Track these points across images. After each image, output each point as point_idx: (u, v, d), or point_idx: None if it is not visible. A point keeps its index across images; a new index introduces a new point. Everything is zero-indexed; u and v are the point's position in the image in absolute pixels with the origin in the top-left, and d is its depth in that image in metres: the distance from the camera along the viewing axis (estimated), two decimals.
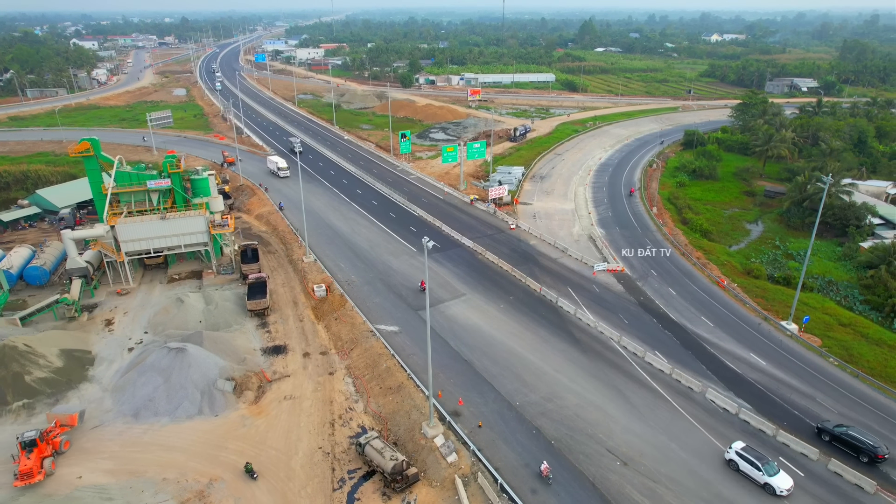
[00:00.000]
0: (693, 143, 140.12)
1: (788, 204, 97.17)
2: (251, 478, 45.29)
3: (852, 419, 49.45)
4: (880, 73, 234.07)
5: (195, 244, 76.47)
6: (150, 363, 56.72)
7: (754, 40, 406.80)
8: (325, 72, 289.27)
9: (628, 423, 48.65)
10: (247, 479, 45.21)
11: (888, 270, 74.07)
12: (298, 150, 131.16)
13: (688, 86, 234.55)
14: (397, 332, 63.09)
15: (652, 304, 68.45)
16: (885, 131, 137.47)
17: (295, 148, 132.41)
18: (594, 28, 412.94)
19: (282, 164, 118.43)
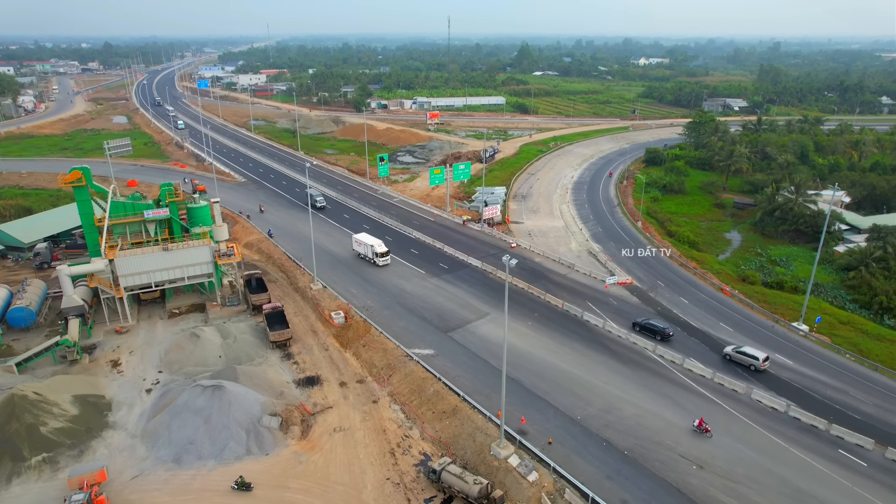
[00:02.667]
0: (655, 161, 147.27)
1: (761, 214, 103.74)
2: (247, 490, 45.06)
3: (887, 409, 53.05)
4: (798, 94, 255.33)
5: (199, 276, 72.73)
6: (182, 404, 53.20)
7: (678, 64, 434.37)
8: (270, 97, 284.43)
9: (691, 428, 49.96)
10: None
11: (868, 271, 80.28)
12: (321, 206, 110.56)
13: (632, 106, 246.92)
14: (433, 355, 62.19)
15: (670, 314, 70.98)
16: (822, 146, 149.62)
17: (317, 203, 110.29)
18: (531, 52, 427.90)
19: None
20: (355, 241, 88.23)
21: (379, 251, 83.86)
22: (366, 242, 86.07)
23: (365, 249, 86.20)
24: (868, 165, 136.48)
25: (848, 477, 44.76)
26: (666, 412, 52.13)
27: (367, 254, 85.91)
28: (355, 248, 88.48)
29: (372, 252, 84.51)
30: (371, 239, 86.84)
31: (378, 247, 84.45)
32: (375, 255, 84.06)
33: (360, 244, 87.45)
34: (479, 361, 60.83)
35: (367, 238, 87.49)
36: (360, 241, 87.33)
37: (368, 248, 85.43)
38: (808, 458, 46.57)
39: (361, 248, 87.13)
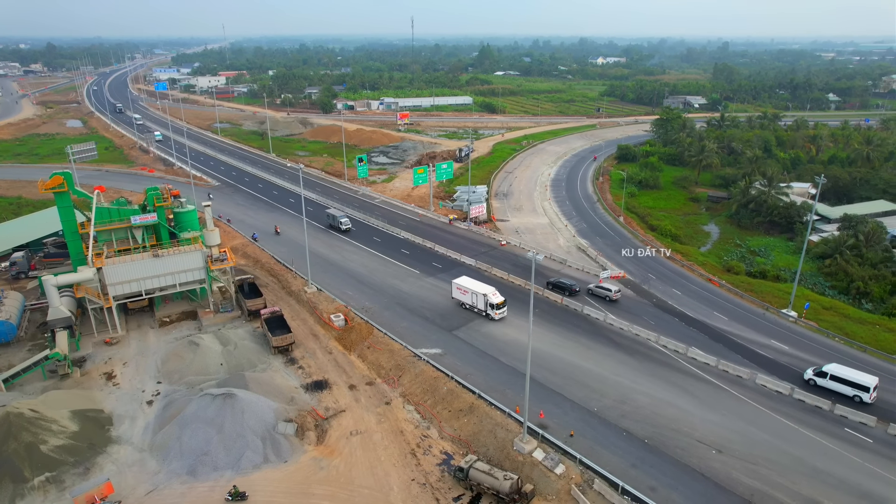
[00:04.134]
0: (627, 157, 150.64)
1: (736, 206, 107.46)
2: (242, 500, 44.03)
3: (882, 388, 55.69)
4: (752, 92, 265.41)
5: (192, 282, 70.56)
6: (192, 414, 51.54)
7: (635, 63, 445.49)
8: (233, 99, 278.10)
9: (703, 414, 51.44)
10: None
11: (843, 258, 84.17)
12: (346, 228, 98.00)
13: (596, 105, 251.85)
14: (442, 354, 62.04)
15: (666, 305, 72.83)
16: (783, 140, 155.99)
17: (342, 226, 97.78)
18: (492, 53, 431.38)
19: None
20: (457, 287, 70.93)
21: (494, 301, 67.57)
22: (474, 290, 69.36)
23: (473, 299, 69.65)
24: (826, 158, 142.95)
25: (857, 454, 46.87)
26: (678, 400, 53.45)
27: (475, 304, 69.49)
28: (457, 296, 71.18)
29: (485, 302, 68.35)
30: (479, 285, 70.06)
31: (492, 296, 68.10)
32: (490, 306, 67.84)
33: (464, 292, 70.25)
34: (489, 359, 61.02)
35: (473, 284, 70.47)
36: (466, 287, 70.08)
37: (479, 297, 68.91)
38: (819, 438, 48.53)
39: (467, 298, 70.21)
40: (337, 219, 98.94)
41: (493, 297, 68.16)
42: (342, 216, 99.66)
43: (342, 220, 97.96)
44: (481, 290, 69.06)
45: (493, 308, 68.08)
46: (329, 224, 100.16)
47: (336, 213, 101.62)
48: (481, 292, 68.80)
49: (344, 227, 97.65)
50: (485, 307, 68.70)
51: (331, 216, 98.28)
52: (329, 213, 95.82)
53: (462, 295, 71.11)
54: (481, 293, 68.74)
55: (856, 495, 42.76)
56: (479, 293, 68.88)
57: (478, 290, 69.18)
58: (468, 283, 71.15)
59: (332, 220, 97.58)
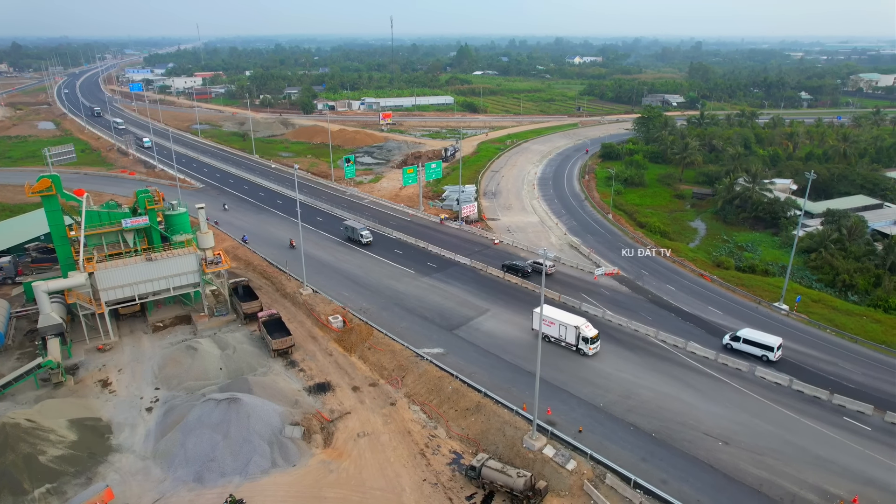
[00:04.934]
0: (611, 155, 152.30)
1: (721, 203, 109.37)
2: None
3: (875, 377, 57.37)
4: (727, 91, 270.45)
5: (186, 286, 69.28)
6: (196, 419, 50.71)
7: (611, 62, 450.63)
8: (210, 100, 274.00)
9: (707, 407, 52.28)
10: None
11: (828, 252, 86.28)
12: (367, 241, 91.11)
13: (577, 104, 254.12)
14: (444, 353, 61.97)
15: (661, 300, 73.82)
16: (761, 138, 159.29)
17: (363, 239, 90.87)
18: (470, 52, 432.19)
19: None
20: (544, 318, 60.87)
21: (588, 335, 59.36)
22: (562, 321, 60.76)
23: (561, 332, 60.97)
24: (803, 155, 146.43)
25: (857, 441, 48.13)
26: (682, 394, 54.23)
27: (563, 337, 60.89)
28: (541, 328, 58.28)
29: (576, 335, 59.82)
30: (568, 316, 61.93)
31: (585, 328, 59.92)
32: (583, 340, 59.60)
33: (549, 323, 61.37)
34: (492, 357, 61.15)
35: (561, 315, 62.10)
36: (552, 318, 61.33)
37: (568, 330, 60.40)
38: (820, 427, 49.68)
39: (553, 330, 61.40)
40: (357, 231, 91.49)
41: (587, 330, 59.78)
42: (362, 228, 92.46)
43: (363, 232, 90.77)
44: (572, 322, 60.46)
45: (587, 342, 59.48)
46: (347, 237, 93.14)
47: (355, 224, 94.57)
48: (572, 324, 60.22)
49: (365, 240, 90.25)
50: (576, 341, 60.20)
51: (349, 228, 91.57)
52: (347, 224, 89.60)
53: (546, 327, 61.81)
54: (572, 325, 60.15)
55: (860, 482, 43.87)
56: (570, 325, 60.25)
57: (567, 322, 60.58)
58: (554, 314, 62.07)
59: (351, 233, 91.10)
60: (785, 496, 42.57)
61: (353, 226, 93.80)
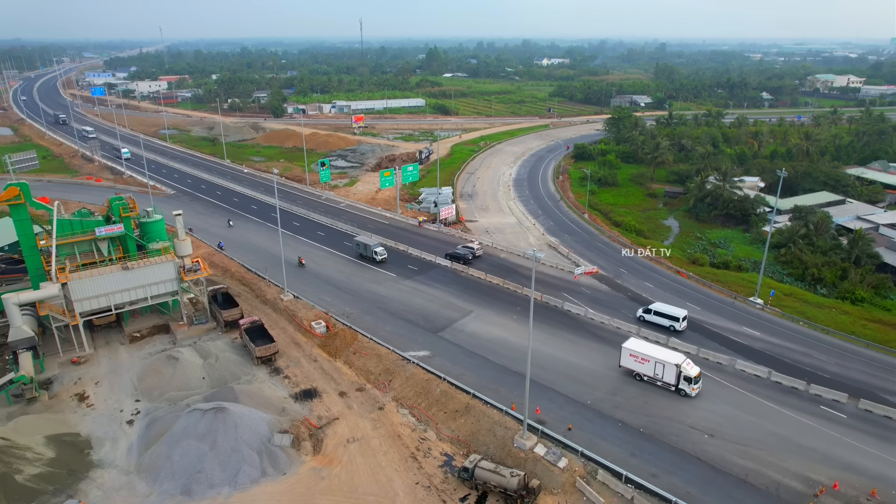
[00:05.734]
0: (584, 156, 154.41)
1: (693, 201, 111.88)
2: None
3: (847, 366, 59.44)
4: (693, 91, 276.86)
5: (164, 294, 67.81)
6: (181, 431, 49.66)
7: (579, 64, 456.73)
8: (176, 105, 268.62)
9: (692, 401, 53.40)
10: None
11: (797, 247, 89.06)
12: (382, 258, 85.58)
13: (547, 105, 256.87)
14: (430, 356, 61.97)
15: (641, 298, 75.11)
16: (728, 137, 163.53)
17: (377, 256, 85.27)
18: (439, 55, 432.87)
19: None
20: (631, 354, 56.14)
21: (691, 373, 53.37)
22: (658, 358, 54.65)
23: (656, 370, 54.81)
24: (768, 153, 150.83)
25: (835, 429, 49.81)
26: (666, 389, 55.22)
27: (659, 376, 54.66)
28: (630, 364, 56.27)
29: (676, 374, 53.68)
30: (665, 352, 56.00)
31: (687, 366, 53.83)
32: (685, 379, 53.46)
33: (642, 360, 55.56)
34: (478, 358, 61.39)
35: (657, 351, 56.14)
36: (645, 355, 55.42)
37: (666, 368, 54.26)
38: (799, 417, 51.26)
39: (647, 368, 55.42)
40: (370, 248, 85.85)
41: (689, 368, 53.82)
42: (376, 245, 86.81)
43: (376, 249, 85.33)
44: (671, 359, 54.33)
45: (690, 382, 53.32)
46: (359, 254, 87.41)
47: (367, 240, 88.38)
48: (671, 362, 54.05)
49: (379, 257, 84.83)
50: (675, 380, 53.82)
51: (361, 245, 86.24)
52: (359, 241, 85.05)
53: (638, 364, 55.92)
54: (671, 363, 53.98)
55: (839, 468, 45.40)
56: (669, 363, 54.11)
57: (665, 359, 54.41)
58: (648, 350, 56.22)
59: (363, 250, 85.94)
60: (770, 484, 43.81)
61: (366, 242, 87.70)
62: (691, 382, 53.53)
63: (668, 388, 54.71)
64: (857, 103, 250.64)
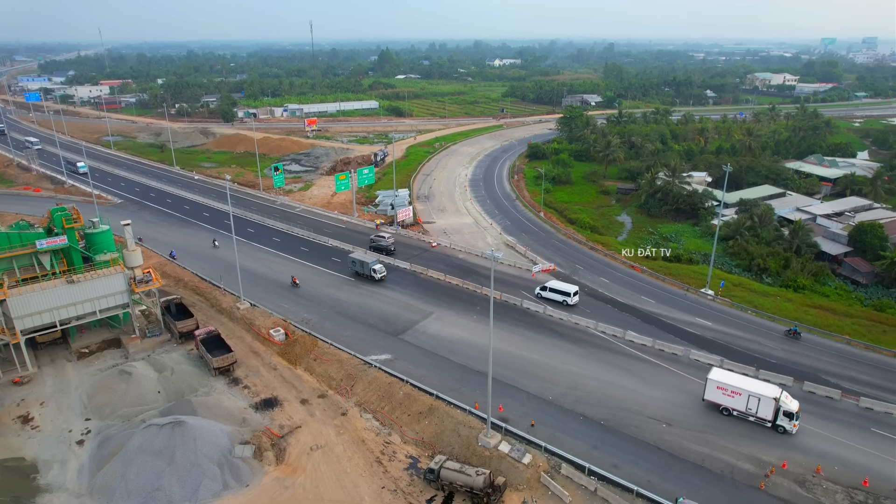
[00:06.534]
0: (537, 155, 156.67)
1: (645, 197, 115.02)
2: None
3: (792, 351, 62.23)
4: (641, 90, 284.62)
5: (114, 307, 65.32)
6: (136, 448, 48.05)
7: (530, 64, 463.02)
8: (120, 110, 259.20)
9: (649, 392, 54.93)
10: None
11: (743, 239, 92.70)
12: (381, 276, 79.84)
13: (500, 105, 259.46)
14: (392, 359, 61.74)
15: (598, 293, 76.78)
16: (676, 134, 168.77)
17: (375, 273, 79.42)
18: (391, 56, 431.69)
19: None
20: (718, 387, 51.14)
21: (791, 408, 48.93)
22: (750, 391, 50.03)
23: (748, 404, 50.14)
24: (714, 149, 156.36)
25: None
26: (625, 381, 56.70)
27: (753, 411, 50.08)
28: (717, 398, 51.31)
29: (774, 409, 49.17)
30: (757, 384, 51.35)
31: (786, 400, 49.56)
32: (784, 414, 49.02)
33: (732, 393, 50.61)
34: (439, 359, 61.52)
35: (748, 383, 51.38)
36: (735, 388, 50.56)
37: (760, 402, 49.59)
38: None
39: (738, 402, 50.54)
40: (368, 266, 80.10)
41: (788, 402, 49.32)
42: (374, 262, 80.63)
43: (375, 266, 79.76)
44: (767, 392, 49.72)
45: (791, 418, 48.90)
46: (355, 272, 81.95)
47: (364, 258, 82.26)
48: (768, 395, 49.42)
49: (378, 275, 79.59)
50: (773, 416, 49.31)
51: (357, 262, 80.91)
52: (354, 258, 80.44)
53: (727, 398, 50.99)
54: (768, 396, 49.33)
55: (786, 448, 47.54)
56: (765, 396, 49.47)
57: (760, 392, 49.82)
58: (738, 382, 51.15)
59: (360, 268, 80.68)
60: (725, 468, 45.50)
61: (363, 259, 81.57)
62: (792, 418, 48.63)
63: (762, 425, 49.79)
64: (792, 100, 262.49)
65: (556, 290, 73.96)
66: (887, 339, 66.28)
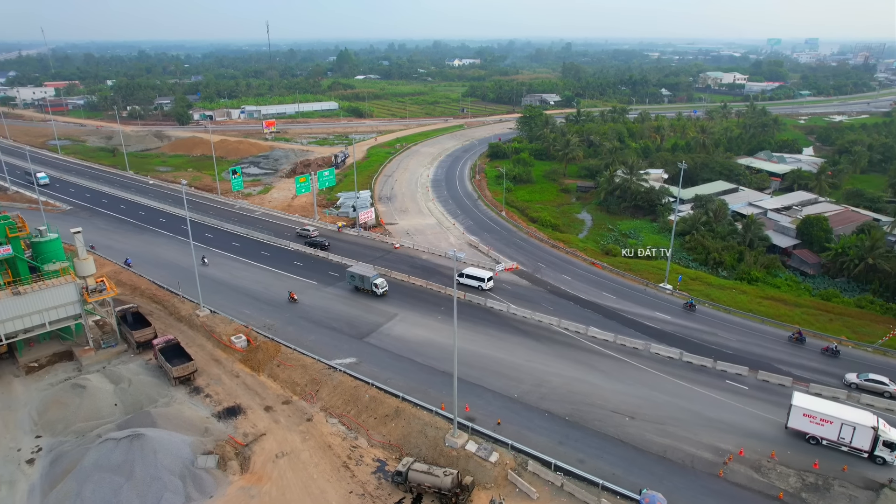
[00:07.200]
0: (498, 154, 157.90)
1: (604, 194, 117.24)
2: None
3: (747, 342, 64.43)
4: (598, 89, 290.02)
5: (65, 319, 62.86)
6: (92, 464, 46.40)
7: (489, 64, 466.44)
8: (67, 113, 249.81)
9: (612, 386, 56.03)
10: None
11: (699, 234, 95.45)
12: (383, 291, 75.69)
13: (461, 105, 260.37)
14: (357, 362, 61.31)
15: (560, 290, 77.90)
16: (633, 132, 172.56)
17: (377, 288, 75.19)
18: (350, 57, 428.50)
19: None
20: (805, 414, 47.62)
21: (894, 438, 45.00)
22: (846, 420, 46.33)
23: (841, 433, 46.55)
24: (669, 146, 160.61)
25: (739, 400, 53.95)
26: (588, 377, 57.69)
27: (846, 440, 46.48)
28: (803, 426, 47.87)
29: (872, 439, 45.33)
30: (852, 412, 47.69)
31: (885, 428, 45.72)
32: (883, 444, 45.13)
33: (822, 422, 46.97)
34: (405, 361, 61.39)
35: (839, 410, 47.71)
36: (828, 416, 46.82)
37: (858, 431, 45.76)
38: (708, 392, 55.06)
39: (828, 431, 46.97)
40: (368, 280, 75.84)
41: (888, 432, 45.59)
42: (375, 276, 76.59)
43: (376, 280, 75.73)
44: (862, 421, 46.07)
45: (891, 449, 44.84)
46: (354, 287, 77.51)
47: (363, 271, 77.48)
48: (865, 424, 45.71)
49: (380, 290, 75.34)
50: (870, 445, 45.47)
51: (357, 277, 76.33)
52: (354, 272, 76.24)
53: (816, 426, 47.35)
54: (865, 425, 45.56)
55: (743, 435, 49.20)
56: (861, 425, 45.69)
57: (854, 420, 46.08)
58: (828, 409, 47.65)
59: (360, 282, 76.31)
60: (686, 458, 46.77)
61: (362, 273, 76.91)
62: (893, 449, 44.65)
63: (857, 455, 46.17)
64: (743, 98, 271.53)
65: (472, 276, 77.72)
66: (833, 327, 69.37)
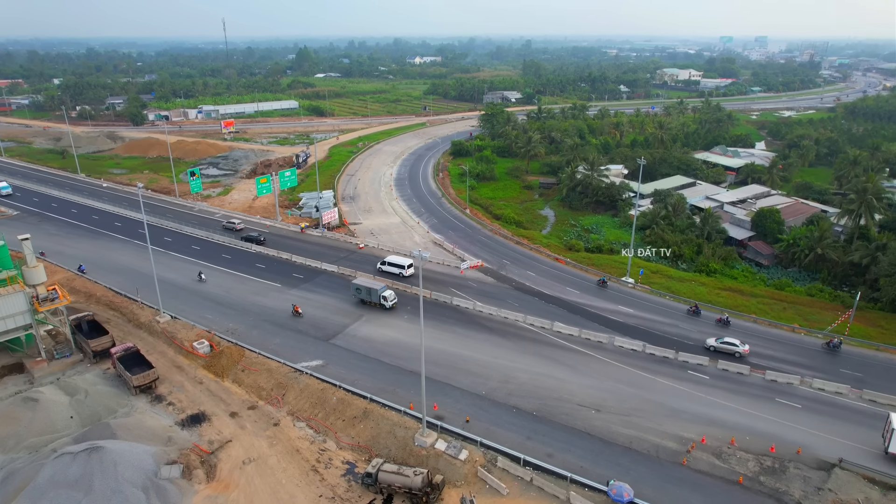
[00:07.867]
0: (461, 152, 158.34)
1: (566, 190, 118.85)
2: None
3: (706, 332, 66.34)
4: (559, 86, 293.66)
5: (14, 330, 60.40)
6: (47, 480, 44.72)
7: (450, 62, 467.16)
8: (11, 113, 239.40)
9: (578, 380, 56.94)
10: None
11: (659, 228, 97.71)
12: (392, 304, 71.22)
13: (422, 103, 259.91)
14: (324, 364, 60.70)
15: (525, 286, 78.67)
16: (593, 128, 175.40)
17: (386, 301, 70.79)
18: (310, 55, 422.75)
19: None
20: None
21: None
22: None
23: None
24: (629, 142, 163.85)
25: (701, 389, 55.60)
26: (554, 372, 58.48)
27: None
28: None
29: None
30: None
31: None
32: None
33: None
34: (372, 362, 61.10)
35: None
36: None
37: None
38: (671, 383, 56.52)
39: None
40: (375, 292, 71.05)
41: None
42: (383, 288, 71.75)
43: (384, 293, 71.12)
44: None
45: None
46: (360, 300, 72.98)
47: (370, 284, 72.65)
48: None
49: (389, 302, 71.00)
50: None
51: (363, 289, 71.78)
52: (360, 285, 71.81)
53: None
54: None
55: (704, 423, 50.72)
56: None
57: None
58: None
59: (367, 295, 71.75)
60: (651, 448, 47.91)
61: (369, 286, 71.99)
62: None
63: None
64: (698, 94, 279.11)
65: (392, 263, 78.75)
66: (787, 315, 72.04)
